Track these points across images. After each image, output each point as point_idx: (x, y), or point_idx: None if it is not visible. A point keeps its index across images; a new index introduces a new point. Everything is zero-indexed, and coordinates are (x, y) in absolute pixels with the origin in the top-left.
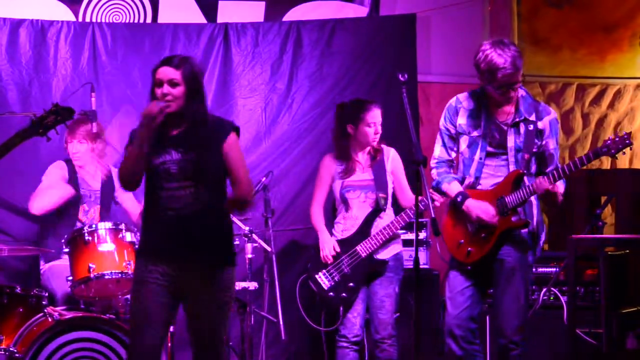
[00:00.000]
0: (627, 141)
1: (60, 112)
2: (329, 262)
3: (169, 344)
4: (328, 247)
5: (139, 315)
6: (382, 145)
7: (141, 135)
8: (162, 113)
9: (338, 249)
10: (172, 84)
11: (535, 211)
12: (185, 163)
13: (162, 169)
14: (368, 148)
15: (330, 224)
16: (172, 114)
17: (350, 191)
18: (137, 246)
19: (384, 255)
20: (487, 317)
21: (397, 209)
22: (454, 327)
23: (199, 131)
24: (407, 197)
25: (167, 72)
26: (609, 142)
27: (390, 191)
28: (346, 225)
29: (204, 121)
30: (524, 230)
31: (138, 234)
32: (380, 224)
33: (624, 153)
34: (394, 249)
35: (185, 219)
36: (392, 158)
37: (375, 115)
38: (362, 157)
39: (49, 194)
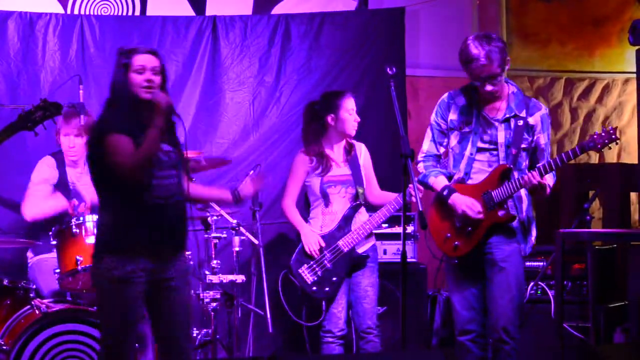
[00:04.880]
0: (613, 136)
1: (49, 107)
2: (317, 257)
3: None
4: (314, 241)
5: (124, 317)
6: (354, 141)
7: (158, 125)
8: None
9: (323, 243)
10: (155, 72)
11: (525, 206)
12: (169, 153)
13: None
14: (343, 142)
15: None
16: (152, 103)
17: (331, 186)
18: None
19: (363, 248)
20: None
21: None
22: (466, 324)
23: (173, 121)
24: (375, 194)
25: (151, 60)
26: (595, 136)
27: (365, 186)
28: (325, 220)
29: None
30: (515, 224)
31: None
32: (359, 219)
33: (610, 148)
34: (370, 241)
35: (172, 206)
36: (364, 153)
37: (351, 103)
38: (337, 152)
39: (42, 204)
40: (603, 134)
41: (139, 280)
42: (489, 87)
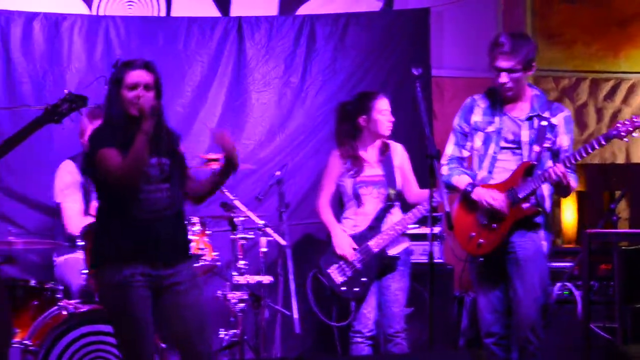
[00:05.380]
0: (637, 123)
1: (74, 99)
2: (350, 259)
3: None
4: (344, 243)
5: (135, 322)
6: (389, 141)
7: (147, 130)
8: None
9: (355, 246)
10: (147, 87)
11: (548, 205)
12: (162, 166)
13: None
14: (378, 142)
15: (336, 220)
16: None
17: (363, 187)
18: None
19: (394, 251)
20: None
21: (404, 205)
22: (490, 327)
23: (167, 135)
24: (414, 193)
25: (143, 76)
26: (619, 125)
27: (399, 186)
28: (357, 221)
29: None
30: (538, 220)
31: None
32: (390, 219)
33: (635, 135)
34: (403, 244)
35: (161, 220)
36: (399, 153)
37: (384, 103)
38: (371, 153)
39: (84, 221)
40: (627, 122)
41: (139, 284)
42: (503, 79)
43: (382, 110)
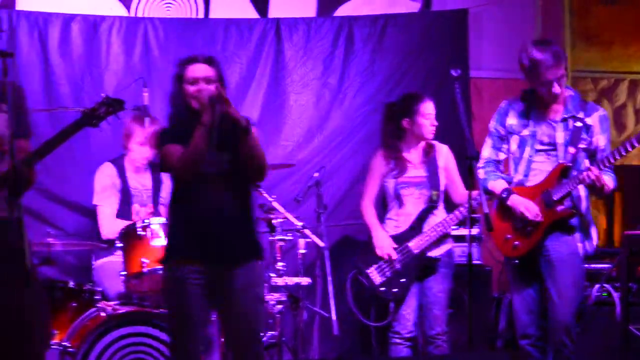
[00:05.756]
0: None
1: (112, 103)
2: (391, 259)
3: (222, 339)
4: (385, 244)
5: (183, 317)
6: (434, 142)
7: (208, 122)
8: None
9: (395, 246)
10: (208, 81)
11: (584, 206)
12: (221, 162)
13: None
14: (422, 143)
15: (380, 220)
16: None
17: (404, 188)
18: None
19: (436, 252)
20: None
21: (449, 206)
22: (526, 328)
23: (231, 129)
24: (460, 193)
25: (203, 70)
26: None
27: (442, 188)
28: (399, 221)
29: (235, 120)
30: (573, 223)
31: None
32: (432, 220)
33: None
34: (446, 245)
35: (219, 216)
36: (444, 154)
37: (429, 107)
38: (414, 154)
39: (121, 225)
40: None
41: (194, 281)
42: (556, 89)
43: (426, 114)
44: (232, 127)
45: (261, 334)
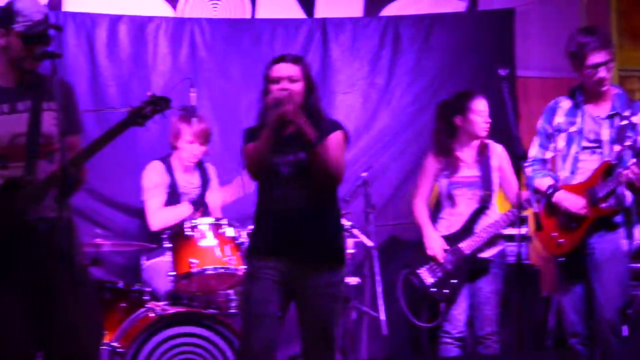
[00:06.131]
0: None
1: (157, 101)
2: (441, 260)
3: None
4: (436, 244)
5: (252, 312)
6: (489, 141)
7: (271, 123)
8: (287, 104)
9: (446, 246)
10: (292, 80)
11: (629, 202)
12: (296, 163)
13: (275, 169)
14: (476, 142)
15: (431, 219)
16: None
17: (457, 188)
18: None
19: (487, 253)
20: None
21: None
22: (574, 326)
23: (313, 129)
24: (514, 194)
25: (286, 69)
26: None
27: (496, 188)
28: (451, 221)
29: (319, 119)
30: (618, 220)
31: (239, 229)
32: (485, 221)
33: None
34: (498, 246)
35: (298, 215)
36: (498, 154)
37: (481, 104)
38: (467, 153)
39: (166, 215)
40: None
41: (267, 277)
42: (602, 73)
43: (479, 111)
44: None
45: (336, 333)
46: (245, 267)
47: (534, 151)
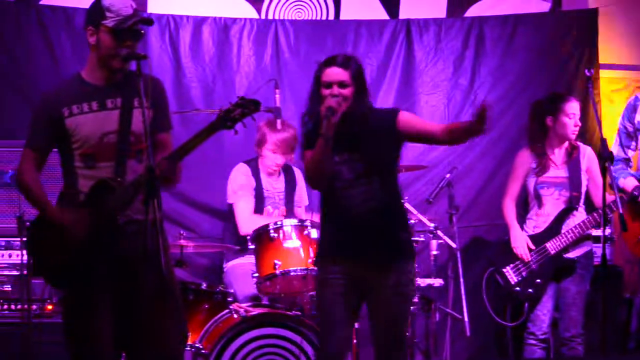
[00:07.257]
0: None
1: (247, 104)
2: (526, 259)
3: (354, 341)
4: (522, 244)
5: (324, 317)
6: (579, 143)
7: (326, 133)
8: (337, 112)
9: (532, 246)
10: (342, 85)
11: None
12: (354, 163)
13: (334, 170)
14: (565, 144)
15: (520, 219)
16: (342, 115)
17: (544, 188)
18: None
19: (574, 253)
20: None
21: (590, 208)
22: None
23: (363, 128)
24: (601, 196)
25: (337, 73)
26: None
27: (584, 190)
28: (538, 221)
29: (367, 118)
30: None
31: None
32: (571, 222)
33: None
34: (585, 247)
35: (360, 216)
36: (588, 156)
37: (574, 107)
38: (557, 154)
39: (260, 222)
40: None
41: (337, 282)
42: None
43: (571, 114)
44: (358, 129)
45: (407, 333)
46: (316, 273)
47: (614, 150)
